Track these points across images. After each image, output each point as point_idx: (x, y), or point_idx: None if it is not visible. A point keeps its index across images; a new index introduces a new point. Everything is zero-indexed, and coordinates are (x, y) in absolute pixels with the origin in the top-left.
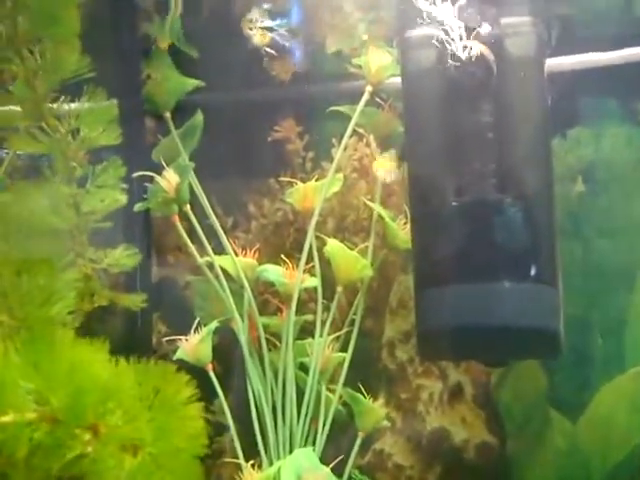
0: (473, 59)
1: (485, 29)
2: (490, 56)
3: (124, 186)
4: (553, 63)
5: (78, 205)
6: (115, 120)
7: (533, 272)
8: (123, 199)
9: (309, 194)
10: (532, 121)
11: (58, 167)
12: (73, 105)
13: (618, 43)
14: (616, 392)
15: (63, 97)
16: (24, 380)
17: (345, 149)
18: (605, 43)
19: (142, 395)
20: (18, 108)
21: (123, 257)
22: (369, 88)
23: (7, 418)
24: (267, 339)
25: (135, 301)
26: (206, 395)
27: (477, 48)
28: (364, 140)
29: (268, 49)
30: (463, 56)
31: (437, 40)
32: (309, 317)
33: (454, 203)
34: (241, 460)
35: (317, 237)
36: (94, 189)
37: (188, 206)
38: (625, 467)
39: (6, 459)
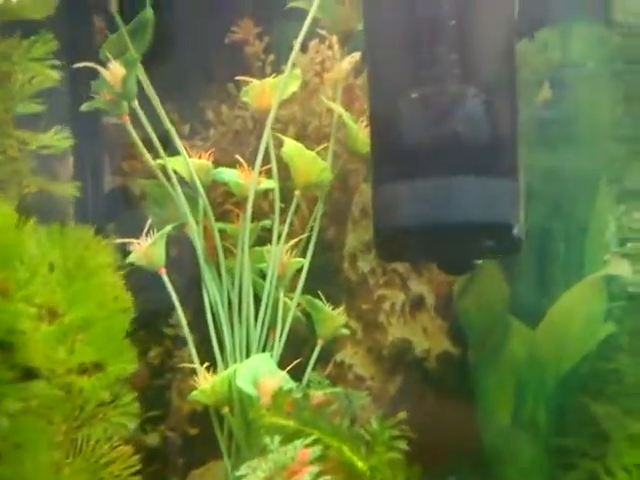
0: None
1: None
2: None
3: (56, 62)
4: None
5: (2, 79)
6: None
7: (493, 165)
8: (55, 76)
9: (266, 91)
10: (497, 9)
11: None
12: None
13: None
14: (573, 300)
15: None
16: None
17: (306, 51)
18: None
19: (56, 260)
20: None
21: (54, 140)
22: None
23: None
24: (225, 247)
25: (68, 189)
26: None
27: None
28: (326, 42)
29: None
30: None
31: None
32: (267, 222)
33: (413, 95)
34: (197, 365)
35: (275, 140)
36: (24, 62)
37: (141, 112)
38: (577, 373)
39: None
